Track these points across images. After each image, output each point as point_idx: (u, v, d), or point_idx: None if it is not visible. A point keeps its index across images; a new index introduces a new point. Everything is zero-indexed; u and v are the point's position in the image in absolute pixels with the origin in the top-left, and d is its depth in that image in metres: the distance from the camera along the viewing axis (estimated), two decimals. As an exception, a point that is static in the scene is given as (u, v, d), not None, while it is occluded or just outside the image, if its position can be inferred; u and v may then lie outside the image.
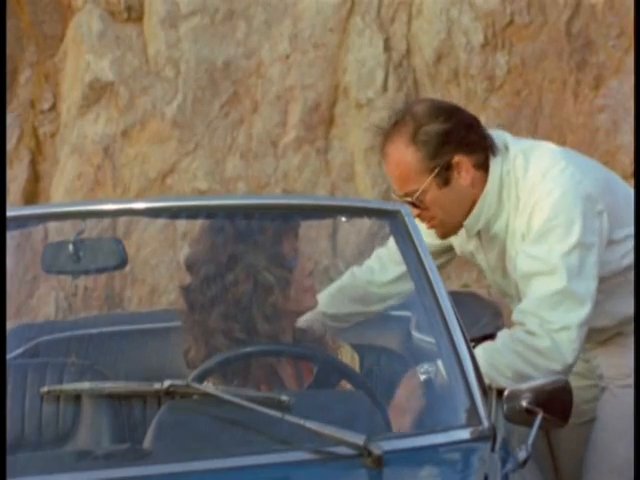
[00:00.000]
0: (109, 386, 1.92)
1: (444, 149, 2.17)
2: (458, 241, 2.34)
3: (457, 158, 2.18)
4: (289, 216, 2.10)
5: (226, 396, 1.81)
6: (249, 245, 2.02)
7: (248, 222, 2.05)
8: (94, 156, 4.50)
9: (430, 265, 2.00)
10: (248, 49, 4.48)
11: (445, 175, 2.18)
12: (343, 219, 2.28)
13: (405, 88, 4.41)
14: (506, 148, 2.24)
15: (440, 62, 4.34)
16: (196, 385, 1.86)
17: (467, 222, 2.23)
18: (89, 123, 4.50)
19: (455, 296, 2.03)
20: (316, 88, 4.45)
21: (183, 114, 4.45)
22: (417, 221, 2.19)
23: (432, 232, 2.28)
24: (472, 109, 4.42)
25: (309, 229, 4.00)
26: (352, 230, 4.02)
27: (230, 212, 2.12)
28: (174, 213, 2.18)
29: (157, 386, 1.85)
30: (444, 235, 2.27)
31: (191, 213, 2.16)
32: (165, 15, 4.49)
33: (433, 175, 2.17)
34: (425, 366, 1.99)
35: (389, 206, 2.13)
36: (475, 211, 2.21)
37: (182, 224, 4.20)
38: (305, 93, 4.44)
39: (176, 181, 4.48)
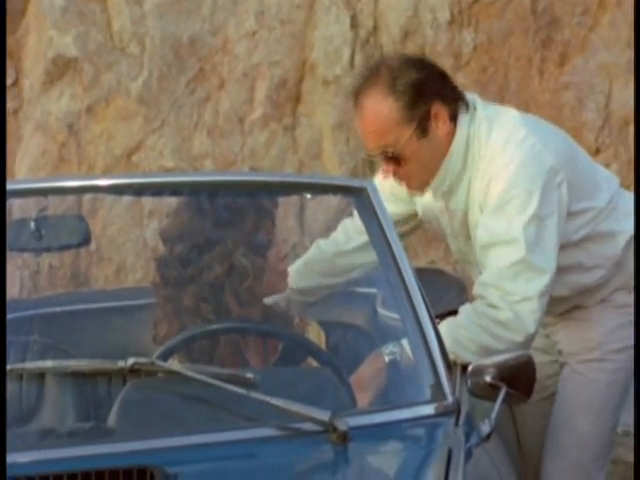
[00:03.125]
0: (73, 364, 1.91)
1: (422, 98, 2.16)
2: (423, 203, 2.32)
3: (435, 107, 2.17)
4: (256, 193, 2.10)
5: (191, 373, 1.81)
6: (227, 228, 2.02)
7: (218, 200, 2.04)
8: (58, 133, 4.45)
9: (395, 242, 2.00)
10: (214, 25, 4.45)
11: (424, 125, 2.16)
12: (308, 196, 2.27)
13: (372, 65, 4.40)
14: (474, 109, 2.23)
15: (407, 39, 4.34)
16: (161, 363, 1.85)
17: (433, 182, 2.22)
18: (53, 99, 4.45)
19: (420, 272, 2.04)
20: (283, 65, 4.43)
21: (149, 91, 4.41)
22: (383, 182, 2.17)
23: (395, 199, 2.27)
24: (439, 86, 4.42)
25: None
26: (319, 207, 4.02)
27: (195, 189, 2.11)
28: (138, 190, 2.16)
29: (121, 364, 1.84)
30: (415, 191, 2.24)
31: (155, 190, 2.14)
32: (129, -10, 4.44)
33: (414, 125, 2.15)
34: (390, 347, 2.00)
35: (355, 183, 2.13)
36: (441, 171, 2.20)
37: (149, 202, 4.18)
38: (272, 70, 4.42)
39: (142, 158, 4.45)
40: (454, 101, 2.20)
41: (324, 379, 1.91)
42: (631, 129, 4.03)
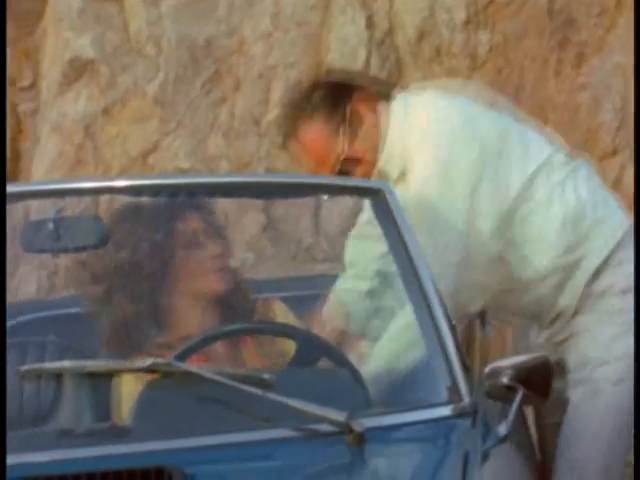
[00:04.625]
0: (90, 364, 1.92)
1: (338, 105, 2.21)
2: None
3: (352, 105, 2.22)
4: (267, 193, 2.11)
5: (208, 374, 1.81)
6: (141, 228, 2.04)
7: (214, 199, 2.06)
8: (75, 135, 4.46)
9: (412, 243, 2.00)
10: (230, 27, 4.45)
11: (352, 128, 2.22)
12: (324, 197, 2.28)
13: (387, 66, 4.40)
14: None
15: (423, 40, 4.33)
16: (178, 363, 1.86)
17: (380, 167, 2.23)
18: (69, 101, 4.46)
19: None
20: (298, 66, 4.43)
21: (164, 92, 4.43)
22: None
23: None
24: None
25: (291, 207, 3.96)
26: (334, 208, 4.02)
27: (211, 190, 2.12)
28: (154, 191, 2.17)
29: (139, 364, 1.84)
30: None
31: (171, 191, 2.15)
32: (146, -8, 4.46)
33: (342, 133, 2.19)
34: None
35: (371, 184, 2.13)
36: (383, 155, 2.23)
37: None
38: (287, 71, 4.42)
39: (158, 160, 4.46)
40: (370, 94, 2.24)
41: (340, 380, 1.91)
42: (650, 130, 4.01)
